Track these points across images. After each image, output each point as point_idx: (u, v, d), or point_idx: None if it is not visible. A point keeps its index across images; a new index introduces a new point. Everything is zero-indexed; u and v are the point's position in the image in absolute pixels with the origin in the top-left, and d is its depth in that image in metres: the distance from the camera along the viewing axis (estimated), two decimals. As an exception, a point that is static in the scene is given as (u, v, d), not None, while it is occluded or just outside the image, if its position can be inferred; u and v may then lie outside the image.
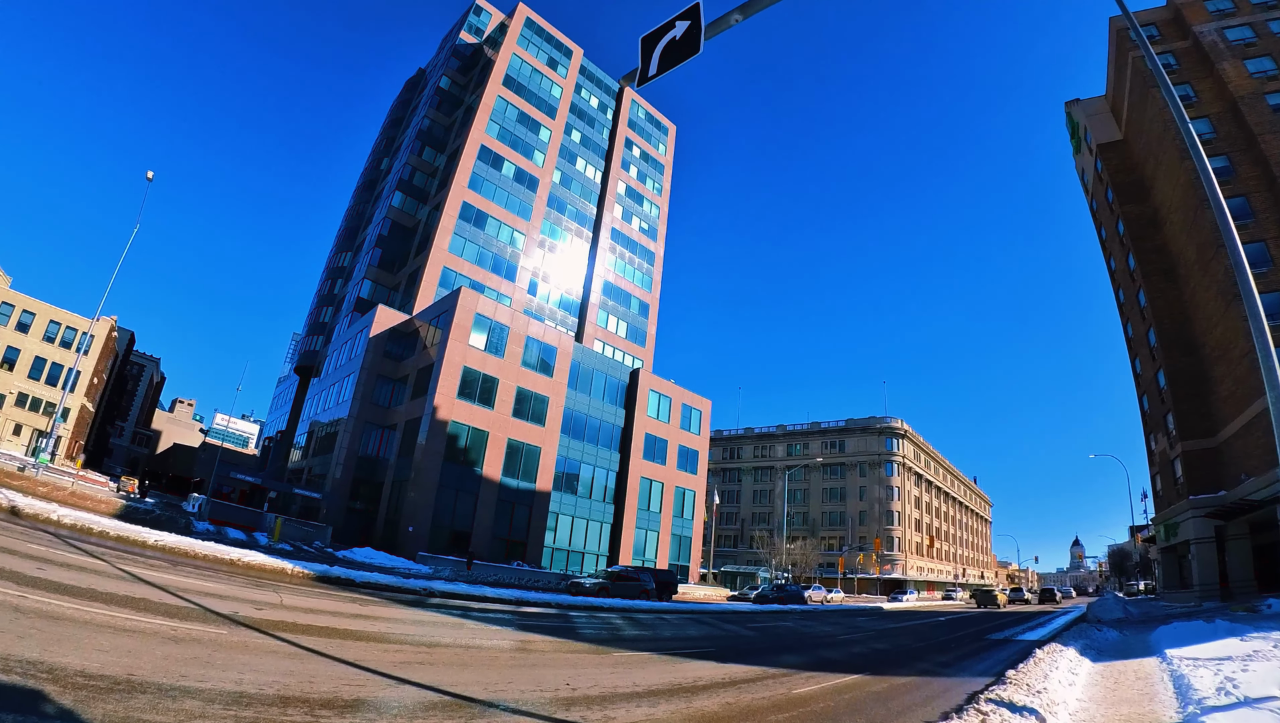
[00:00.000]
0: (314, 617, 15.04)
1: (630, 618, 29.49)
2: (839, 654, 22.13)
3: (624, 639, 20.76)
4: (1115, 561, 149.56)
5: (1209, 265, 46.20)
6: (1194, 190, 47.42)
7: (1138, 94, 54.68)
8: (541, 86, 76.93)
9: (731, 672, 15.38)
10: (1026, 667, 16.04)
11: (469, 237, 67.59)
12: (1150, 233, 53.65)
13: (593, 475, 62.15)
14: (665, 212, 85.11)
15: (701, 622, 31.34)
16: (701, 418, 70.76)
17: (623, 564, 55.76)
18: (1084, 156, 63.56)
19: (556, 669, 13.23)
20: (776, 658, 19.17)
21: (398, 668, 10.87)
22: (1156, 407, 53.62)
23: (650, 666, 15.17)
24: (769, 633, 28.39)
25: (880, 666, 19.29)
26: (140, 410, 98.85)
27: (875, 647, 25.62)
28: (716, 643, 22.40)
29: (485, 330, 56.56)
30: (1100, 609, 42.70)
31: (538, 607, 28.30)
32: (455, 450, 52.88)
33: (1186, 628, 26.27)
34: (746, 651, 20.99)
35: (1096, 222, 64.30)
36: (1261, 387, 41.00)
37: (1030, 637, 31.59)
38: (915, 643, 28.20)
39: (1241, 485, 42.61)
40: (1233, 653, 19.32)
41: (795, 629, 31.53)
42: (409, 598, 23.47)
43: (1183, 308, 50.58)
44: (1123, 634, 28.73)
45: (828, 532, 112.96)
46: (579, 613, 28.41)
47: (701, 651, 19.43)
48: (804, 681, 14.93)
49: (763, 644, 23.43)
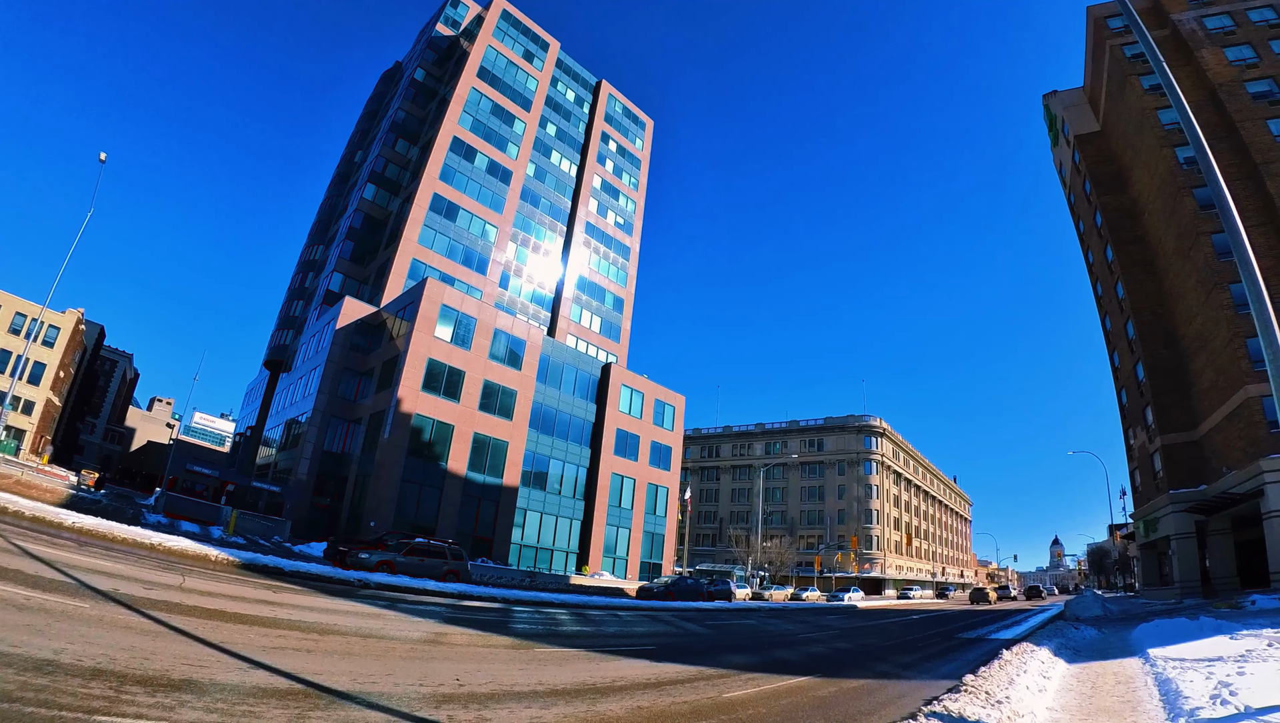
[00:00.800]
0: (209, 600, 13.98)
1: (580, 614, 27.72)
2: (794, 654, 20.09)
3: (558, 635, 19.18)
4: (1094, 559, 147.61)
5: (1189, 254, 44.13)
6: (1173, 178, 45.44)
7: (1116, 83, 52.68)
8: (517, 79, 74.49)
9: (662, 672, 13.79)
10: (990, 671, 13.59)
11: (439, 229, 65.04)
12: (1128, 224, 51.63)
13: (562, 471, 59.61)
14: (642, 207, 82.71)
15: (657, 619, 29.29)
16: (675, 414, 68.28)
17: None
18: (1062, 149, 61.55)
19: (457, 663, 11.88)
20: (722, 658, 17.39)
21: (264, 653, 9.85)
22: (1135, 400, 51.48)
23: (571, 663, 13.78)
24: (728, 631, 26.37)
25: (835, 667, 17.41)
26: (113, 407, 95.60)
27: (837, 646, 23.50)
28: (661, 641, 20.67)
29: (452, 322, 54.25)
30: (1078, 607, 40.44)
31: (482, 601, 26.68)
32: (419, 444, 50.75)
33: (1169, 626, 23.94)
34: (693, 650, 19.16)
35: (1075, 215, 62.24)
36: (1243, 377, 38.89)
37: (1004, 635, 29.24)
38: (881, 642, 25.90)
39: (1223, 479, 40.44)
40: (1224, 653, 16.95)
41: (757, 628, 29.40)
42: (338, 588, 22.03)
43: (1162, 300, 48.51)
44: (1101, 633, 26.40)
45: (806, 531, 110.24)
46: (524, 608, 26.76)
47: (640, 649, 17.81)
48: (742, 683, 13.30)
49: (714, 643, 21.51)
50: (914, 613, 47.42)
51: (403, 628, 15.53)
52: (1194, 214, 43.50)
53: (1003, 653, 15.93)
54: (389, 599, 21.65)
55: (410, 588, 25.73)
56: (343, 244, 68.40)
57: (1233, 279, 41.23)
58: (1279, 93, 46.49)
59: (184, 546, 21.70)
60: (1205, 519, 42.99)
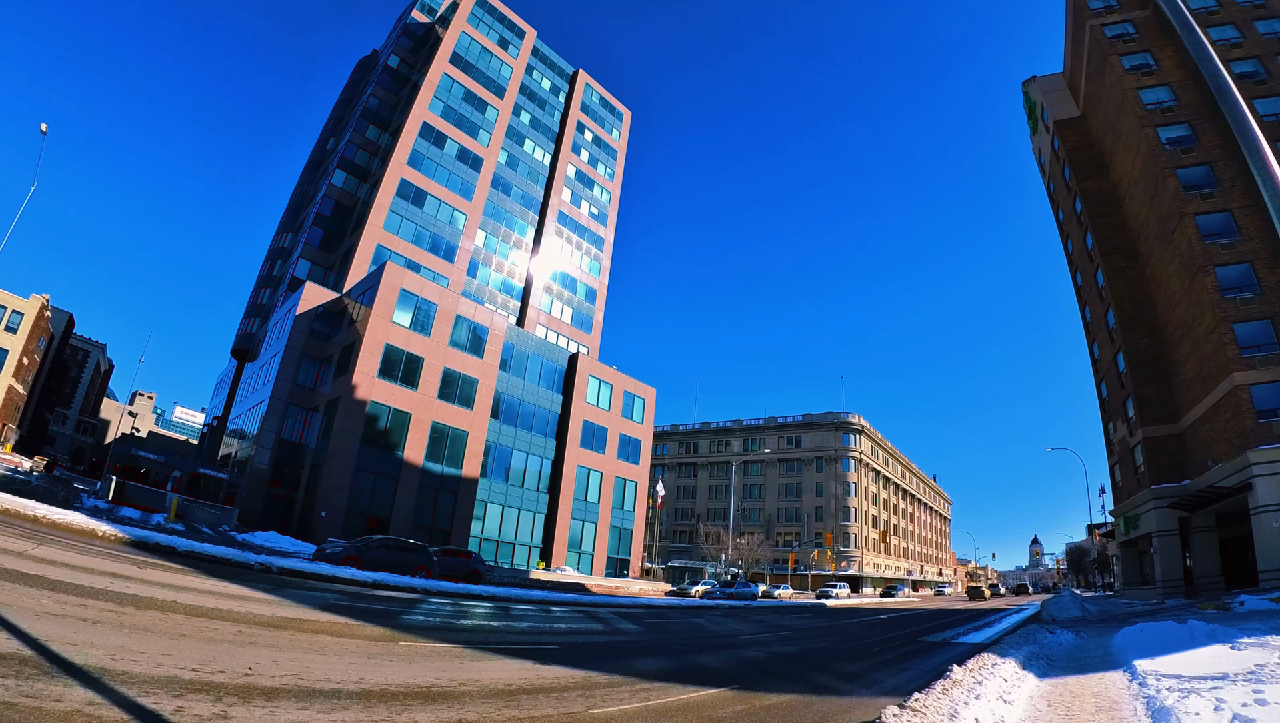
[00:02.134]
0: (40, 566, 12.56)
1: (504, 608, 24.55)
2: (720, 660, 16.82)
3: (450, 629, 16.62)
4: (1073, 558, 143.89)
5: (1171, 238, 40.65)
6: (1155, 159, 42.00)
7: (1096, 65, 49.24)
8: (491, 66, 70.84)
9: (538, 677, 11.47)
10: (927, 699, 9.77)
11: (406, 215, 61.39)
12: (1109, 210, 48.17)
13: (525, 463, 55.92)
14: (617, 198, 78.95)
15: (595, 617, 25.89)
16: (645, 406, 64.54)
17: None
18: (1041, 137, 58.09)
19: (278, 652, 9.97)
20: (631, 662, 14.75)
21: (33, 617, 8.66)
22: (1115, 392, 47.95)
23: (427, 661, 11.51)
24: (663, 631, 22.98)
25: (762, 677, 14.58)
26: (85, 398, 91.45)
27: (779, 651, 20.02)
28: (573, 640, 18.11)
29: (411, 307, 50.83)
30: (1055, 607, 36.84)
31: (399, 591, 24.16)
32: (374, 432, 47.50)
33: (1155, 631, 20.28)
34: (605, 652, 16.59)
35: (1054, 204, 58.77)
36: (1229, 365, 35.35)
37: (973, 639, 25.62)
38: (832, 646, 22.33)
39: (1208, 473, 36.90)
40: (1228, 669, 13.27)
41: (702, 627, 25.87)
42: (232, 571, 20.02)
43: (1143, 287, 45.03)
44: (1079, 638, 22.72)
45: (784, 528, 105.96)
46: (442, 600, 23.98)
47: (536, 648, 15.35)
48: (629, 695, 10.73)
49: (636, 645, 18.67)
50: (883, 613, 43.73)
51: (261, 610, 13.64)
52: (1177, 195, 40.04)
53: (951, 671, 12.18)
54: (291, 585, 19.64)
55: (323, 576, 23.14)
56: (310, 231, 64.78)
57: (1218, 262, 37.80)
58: (1264, 73, 43.12)
59: (72, 519, 20.40)
60: (1188, 515, 39.47)
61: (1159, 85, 45.22)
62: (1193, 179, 40.76)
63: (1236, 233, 38.49)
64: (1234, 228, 38.67)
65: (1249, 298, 36.73)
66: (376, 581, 24.81)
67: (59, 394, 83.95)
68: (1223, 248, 38.17)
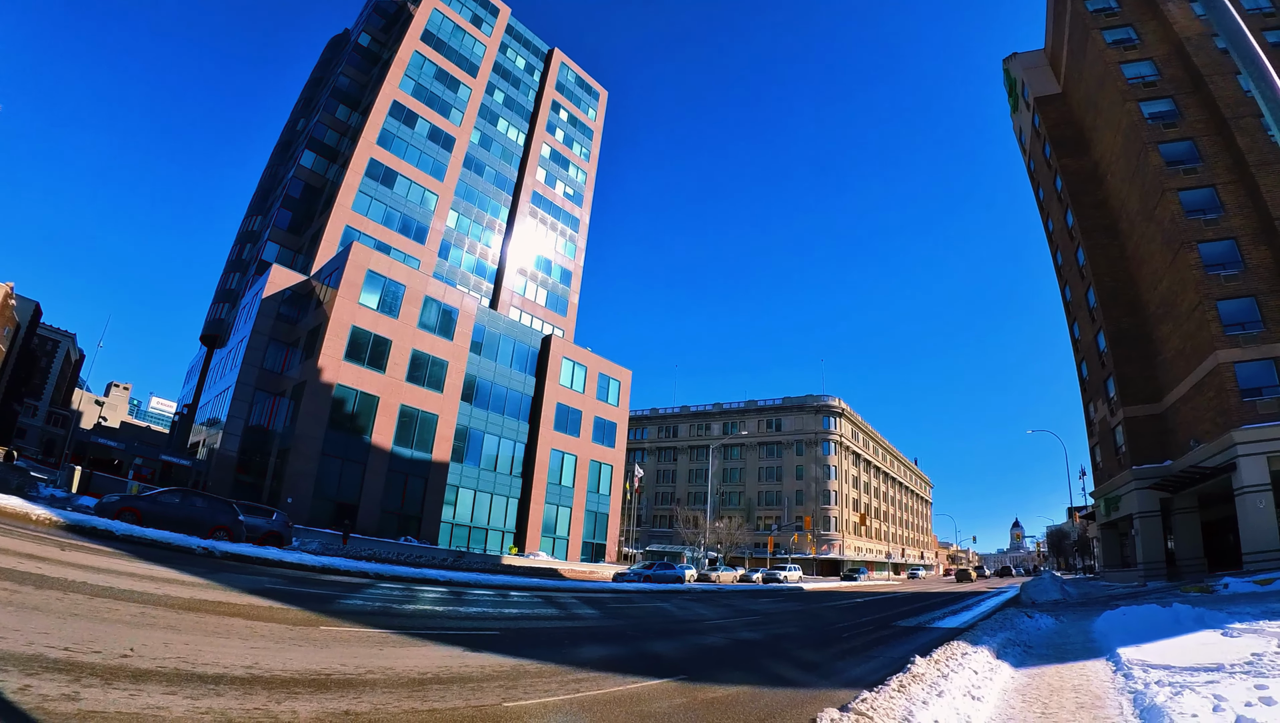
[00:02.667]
0: None
1: (457, 593, 23.08)
2: (674, 647, 15.33)
3: (386, 614, 15.39)
4: (1054, 540, 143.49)
5: (1154, 213, 39.25)
6: (1137, 133, 40.53)
7: (1077, 39, 47.67)
8: (464, 44, 68.52)
9: (463, 664, 10.27)
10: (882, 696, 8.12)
11: (375, 195, 59.26)
12: (1090, 188, 46.74)
13: (498, 447, 54.16)
14: (593, 178, 76.79)
15: (554, 602, 24.27)
16: (620, 389, 62.81)
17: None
18: (1022, 115, 56.56)
19: (174, 634, 8.99)
20: (574, 650, 13.27)
21: None
22: (1096, 372, 46.66)
23: (343, 646, 10.39)
24: (623, 617, 21.50)
25: (714, 666, 13.19)
26: (56, 389, 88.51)
27: (740, 637, 18.49)
28: (520, 626, 16.75)
29: (379, 288, 49.02)
30: (1035, 590, 35.59)
31: (351, 575, 23.12)
32: (341, 416, 45.90)
33: (1139, 615, 18.82)
34: (550, 638, 15.13)
35: (1034, 182, 57.31)
36: (1213, 342, 33.99)
37: (949, 623, 24.12)
38: (799, 632, 20.85)
39: (1190, 453, 35.67)
40: (1222, 659, 11.71)
41: (664, 613, 24.31)
42: (170, 555, 18.50)
43: (1125, 265, 43.66)
44: (1059, 622, 21.28)
45: (764, 511, 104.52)
46: (392, 584, 22.80)
47: (475, 634, 14.06)
48: (558, 686, 9.53)
49: (588, 631, 17.05)
50: (860, 596, 42.36)
51: (180, 592, 12.51)
52: (1160, 170, 38.61)
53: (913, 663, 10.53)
54: (234, 569, 18.48)
55: (268, 560, 21.73)
56: (279, 213, 62.54)
57: (1201, 238, 36.42)
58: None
59: (6, 504, 19.25)
60: (1170, 497, 38.25)
61: (1142, 60, 43.71)
62: (1176, 154, 39.33)
63: (1220, 209, 37.13)
64: (1217, 204, 37.30)
65: (1233, 275, 35.39)
66: (327, 565, 23.59)
67: (28, 385, 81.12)
68: (1206, 224, 36.80)
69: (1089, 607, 27.13)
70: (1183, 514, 38.30)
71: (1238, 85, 39.94)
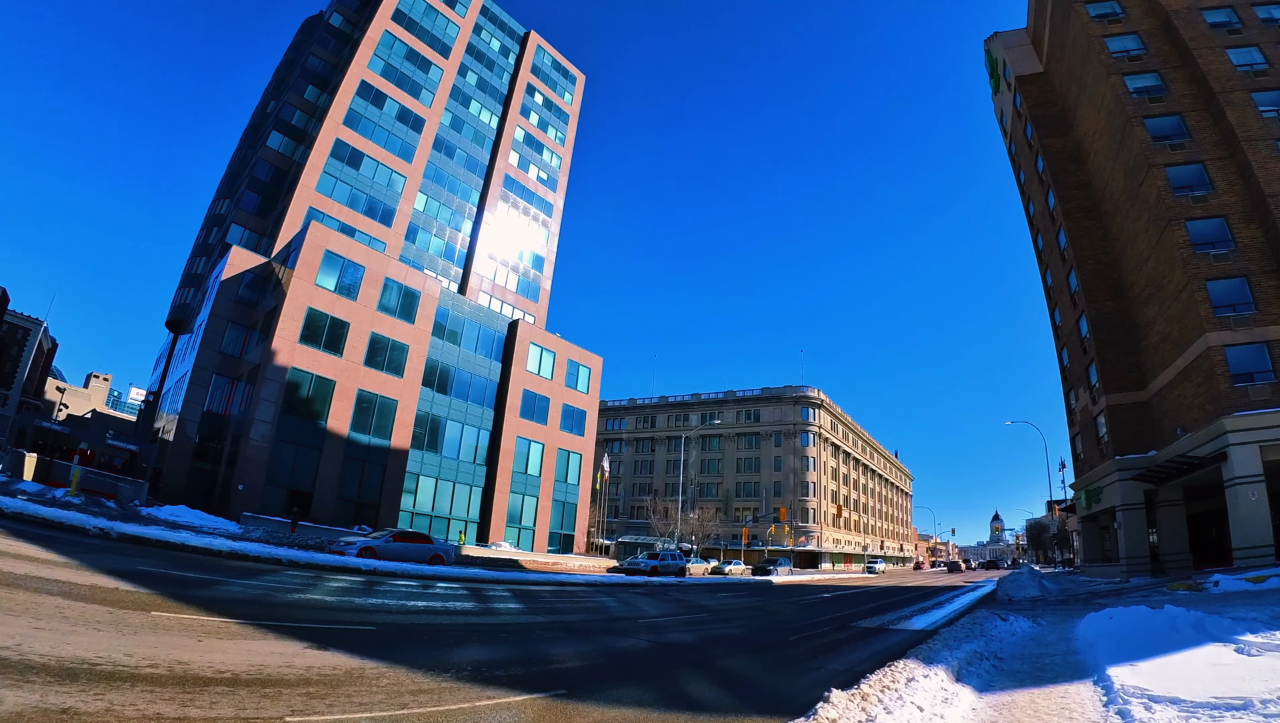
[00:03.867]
0: None
1: (370, 583, 20.48)
2: (582, 651, 12.64)
3: (260, 604, 13.32)
4: (1033, 534, 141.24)
5: (1139, 191, 36.35)
6: (1121, 108, 37.62)
7: (1060, 14, 44.72)
8: (436, 24, 65.14)
9: (282, 663, 8.25)
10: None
11: (340, 176, 55.96)
12: (1072, 169, 43.85)
13: (461, 434, 50.99)
14: (568, 163, 73.39)
15: (480, 595, 21.60)
16: (591, 376, 59.62)
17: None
18: (1003, 96, 53.61)
19: None
20: (447, 654, 10.61)
21: None
22: (1078, 359, 43.79)
23: (150, 634, 8.60)
24: (548, 612, 18.92)
25: (614, 679, 10.33)
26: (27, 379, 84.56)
27: (669, 639, 15.54)
28: (405, 621, 14.17)
29: (337, 269, 45.91)
30: (1012, 586, 32.73)
31: (259, 561, 21.28)
32: (296, 401, 42.91)
33: (1128, 619, 15.81)
34: (434, 636, 12.61)
35: (1015, 165, 54.39)
36: (1201, 325, 31.04)
37: (914, 625, 21.07)
38: (742, 633, 17.93)
39: (1177, 442, 32.78)
40: (1248, 692, 8.55)
41: (605, 608, 21.63)
42: (54, 535, 17.20)
43: (1108, 248, 40.78)
44: (1037, 626, 18.27)
45: (741, 503, 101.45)
46: (299, 572, 20.64)
47: (344, 628, 12.15)
48: (385, 698, 7.24)
49: (489, 629, 14.57)
50: (829, 590, 39.35)
51: (17, 568, 11.31)
52: (1145, 145, 35.71)
53: (829, 698, 7.41)
54: (120, 552, 16.80)
55: (172, 543, 20.12)
56: (244, 195, 59.25)
57: (1189, 216, 33.54)
58: (1238, 22, 38.80)
59: None
60: (1154, 489, 35.41)
61: (1126, 33, 40.82)
62: (1162, 129, 36.45)
63: (1209, 185, 34.28)
64: (1206, 180, 34.46)
65: (1222, 254, 32.55)
66: (235, 551, 21.61)
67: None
68: (1194, 201, 33.93)
69: (1069, 606, 24.20)
70: (1168, 507, 35.48)
71: (1228, 59, 37.11)
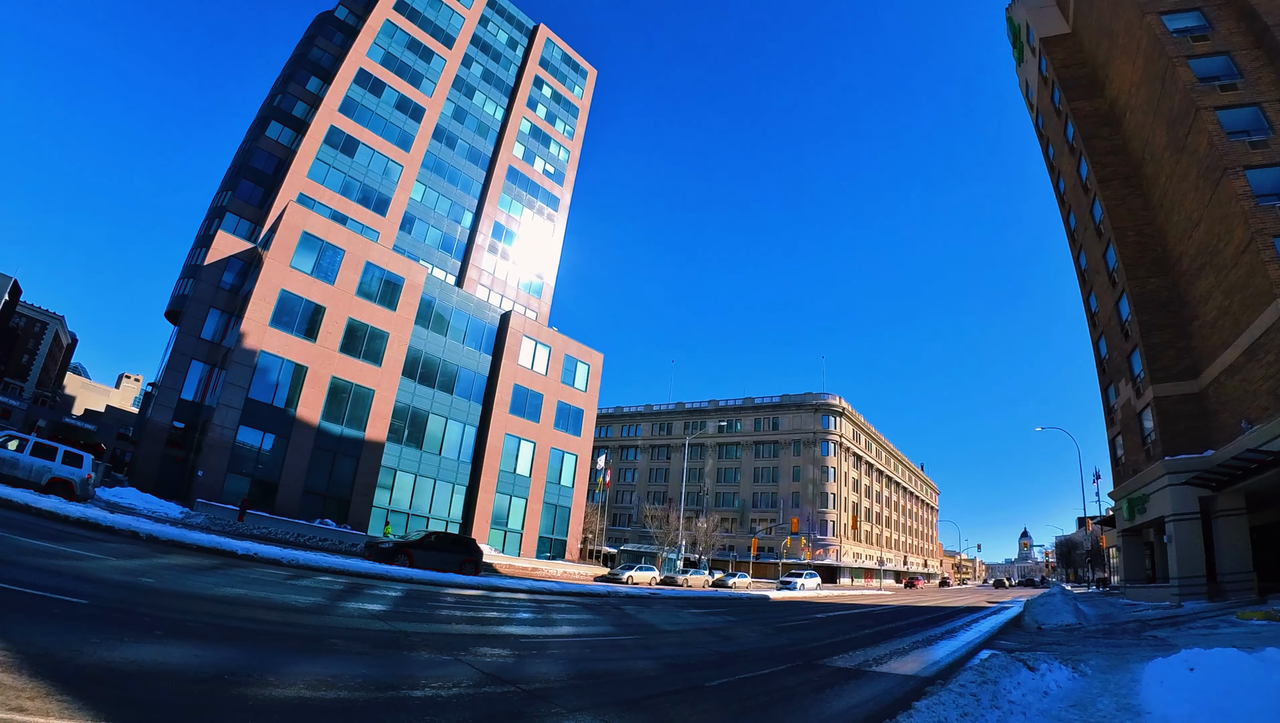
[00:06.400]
0: None
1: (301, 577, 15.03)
2: (327, 675, 6.85)
3: None
4: (1063, 551, 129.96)
5: (1185, 142, 29.53)
6: (1161, 50, 30.85)
7: (1094, -33, 38.12)
8: (440, 15, 61.05)
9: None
10: None
11: (334, 164, 51.90)
12: (1105, 132, 37.04)
13: (444, 428, 45.91)
14: (576, 157, 68.37)
15: (362, 592, 15.91)
16: (589, 373, 53.99)
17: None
18: (1027, 66, 46.83)
19: None
20: None
21: None
22: (1118, 347, 36.67)
23: None
24: (430, 620, 13.44)
25: None
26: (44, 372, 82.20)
27: (524, 671, 9.47)
28: None
29: (315, 251, 41.81)
30: (1042, 611, 25.84)
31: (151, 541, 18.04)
32: (265, 386, 38.67)
33: (1223, 674, 9.35)
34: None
35: (1043, 140, 47.39)
36: (1272, 291, 24.07)
37: (905, 668, 14.54)
38: (647, 669, 11.84)
39: (1241, 437, 25.67)
40: None
41: (513, 619, 15.88)
42: None
43: (1150, 217, 33.84)
44: (1079, 677, 11.70)
45: (759, 513, 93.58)
46: (209, 559, 16.90)
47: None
48: None
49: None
50: (827, 609, 32.71)
51: None
52: (1191, 87, 28.97)
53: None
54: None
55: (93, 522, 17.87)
56: (241, 185, 55.70)
57: (1248, 163, 26.61)
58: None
59: None
60: (1212, 495, 28.25)
61: (1167, -23, 34.10)
62: (1209, 70, 29.66)
63: (1269, 130, 27.39)
64: (1265, 124, 27.59)
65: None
66: (130, 528, 17.72)
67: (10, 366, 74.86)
68: (1253, 146, 27.06)
69: (1116, 640, 17.61)
70: (1227, 517, 28.26)
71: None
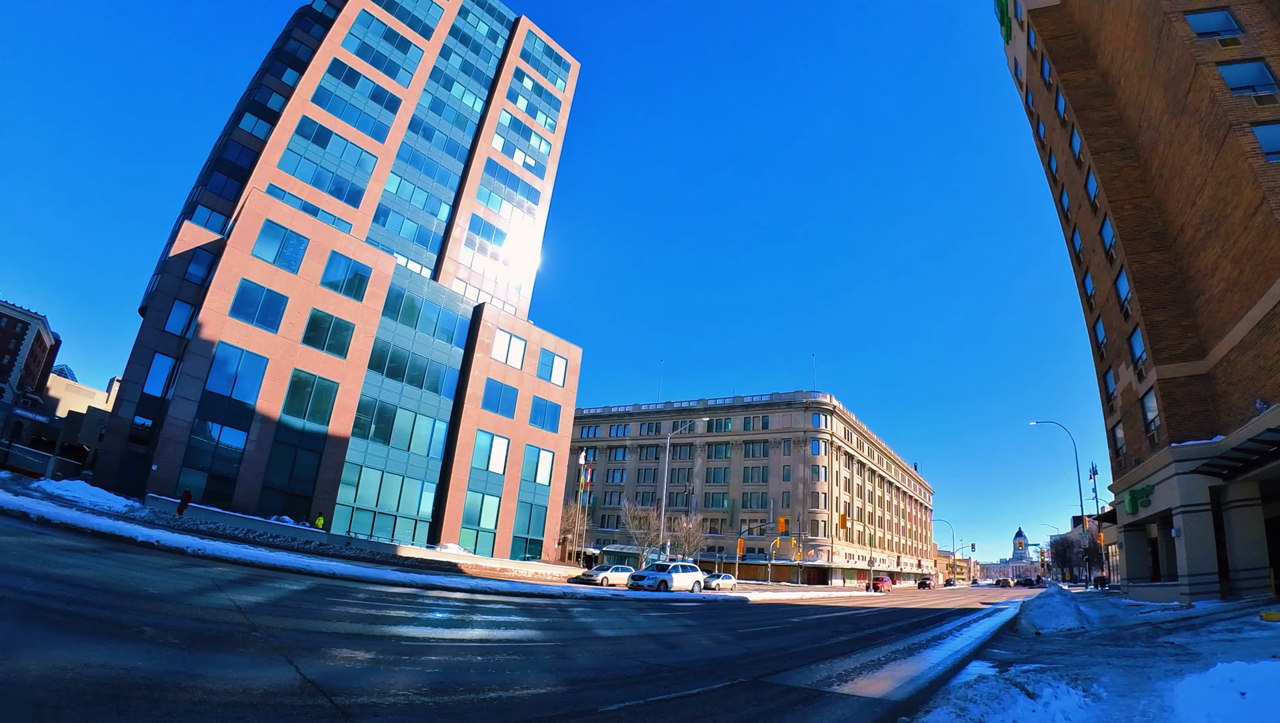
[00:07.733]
0: None
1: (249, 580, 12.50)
2: None
3: None
4: (1058, 550, 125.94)
5: (1186, 102, 26.61)
6: (1155, 5, 27.94)
7: (1085, -66, 35.32)
8: (418, 5, 58.51)
9: None
10: None
11: (305, 154, 49.24)
12: (1098, 103, 34.17)
13: (414, 423, 43.03)
14: (558, 150, 65.63)
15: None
16: (567, 368, 51.07)
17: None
18: (1016, 43, 44.02)
19: None
20: None
21: None
22: (1116, 329, 33.64)
23: None
24: (310, 616, 9.93)
25: None
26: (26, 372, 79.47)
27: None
28: None
29: (278, 240, 39.28)
30: (1039, 613, 22.75)
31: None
32: (223, 377, 36.53)
33: None
34: None
35: (1033, 118, 44.45)
36: (1289, 260, 21.21)
37: (872, 690, 11.27)
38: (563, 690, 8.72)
39: (1256, 419, 22.63)
40: None
41: (421, 620, 12.60)
42: None
43: (1149, 190, 30.90)
44: (1091, 703, 8.77)
45: (749, 513, 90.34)
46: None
47: None
48: None
49: None
50: (804, 612, 29.58)
51: None
52: (1189, 43, 26.06)
53: None
54: None
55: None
56: (213, 177, 53.04)
57: (1255, 120, 23.66)
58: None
59: None
60: (1223, 485, 25.20)
61: (1166, -60, 31.28)
62: (1208, 24, 26.77)
63: (1274, 83, 24.49)
64: (1271, 79, 24.66)
65: (1291, 162, 22.66)
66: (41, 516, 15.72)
67: (-8, 367, 72.42)
68: (1259, 101, 24.12)
69: (1127, 648, 14.59)
70: (1239, 509, 25.18)
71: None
